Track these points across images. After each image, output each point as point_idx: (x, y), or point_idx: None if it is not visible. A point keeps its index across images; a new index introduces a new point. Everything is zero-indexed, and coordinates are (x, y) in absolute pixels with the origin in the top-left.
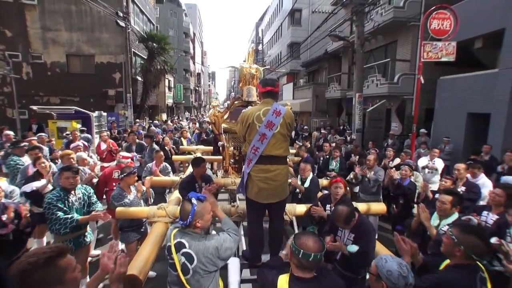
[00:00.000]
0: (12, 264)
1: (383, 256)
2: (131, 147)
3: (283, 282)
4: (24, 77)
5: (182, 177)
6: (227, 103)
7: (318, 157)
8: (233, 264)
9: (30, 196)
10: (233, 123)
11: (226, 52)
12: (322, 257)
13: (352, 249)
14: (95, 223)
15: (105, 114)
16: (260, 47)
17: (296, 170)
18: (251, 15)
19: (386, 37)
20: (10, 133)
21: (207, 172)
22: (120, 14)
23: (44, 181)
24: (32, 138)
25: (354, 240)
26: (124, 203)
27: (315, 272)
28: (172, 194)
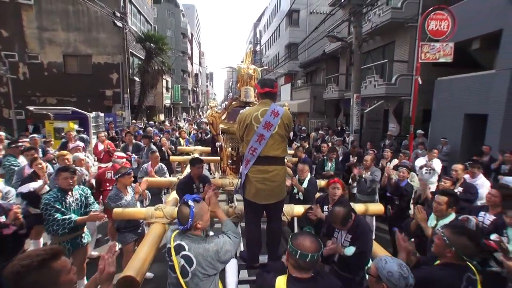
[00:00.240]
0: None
1: (382, 258)
2: (128, 147)
3: (281, 283)
4: (21, 77)
5: (179, 178)
6: (225, 104)
7: (316, 158)
8: (231, 265)
9: (26, 197)
10: (231, 124)
11: (224, 53)
12: (319, 257)
13: (349, 251)
14: (95, 224)
15: (102, 114)
16: (258, 47)
17: (294, 170)
18: (249, 16)
19: (384, 38)
20: (1, 134)
21: (204, 173)
22: (118, 14)
23: (41, 182)
24: (24, 139)
25: (351, 241)
26: (121, 204)
27: (312, 273)
28: (170, 195)
